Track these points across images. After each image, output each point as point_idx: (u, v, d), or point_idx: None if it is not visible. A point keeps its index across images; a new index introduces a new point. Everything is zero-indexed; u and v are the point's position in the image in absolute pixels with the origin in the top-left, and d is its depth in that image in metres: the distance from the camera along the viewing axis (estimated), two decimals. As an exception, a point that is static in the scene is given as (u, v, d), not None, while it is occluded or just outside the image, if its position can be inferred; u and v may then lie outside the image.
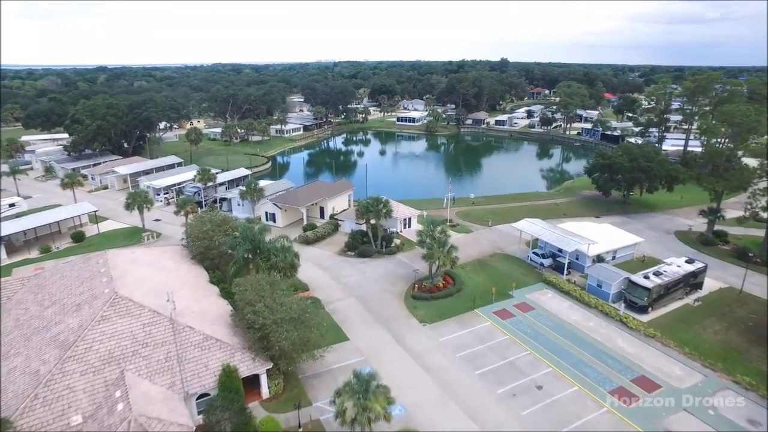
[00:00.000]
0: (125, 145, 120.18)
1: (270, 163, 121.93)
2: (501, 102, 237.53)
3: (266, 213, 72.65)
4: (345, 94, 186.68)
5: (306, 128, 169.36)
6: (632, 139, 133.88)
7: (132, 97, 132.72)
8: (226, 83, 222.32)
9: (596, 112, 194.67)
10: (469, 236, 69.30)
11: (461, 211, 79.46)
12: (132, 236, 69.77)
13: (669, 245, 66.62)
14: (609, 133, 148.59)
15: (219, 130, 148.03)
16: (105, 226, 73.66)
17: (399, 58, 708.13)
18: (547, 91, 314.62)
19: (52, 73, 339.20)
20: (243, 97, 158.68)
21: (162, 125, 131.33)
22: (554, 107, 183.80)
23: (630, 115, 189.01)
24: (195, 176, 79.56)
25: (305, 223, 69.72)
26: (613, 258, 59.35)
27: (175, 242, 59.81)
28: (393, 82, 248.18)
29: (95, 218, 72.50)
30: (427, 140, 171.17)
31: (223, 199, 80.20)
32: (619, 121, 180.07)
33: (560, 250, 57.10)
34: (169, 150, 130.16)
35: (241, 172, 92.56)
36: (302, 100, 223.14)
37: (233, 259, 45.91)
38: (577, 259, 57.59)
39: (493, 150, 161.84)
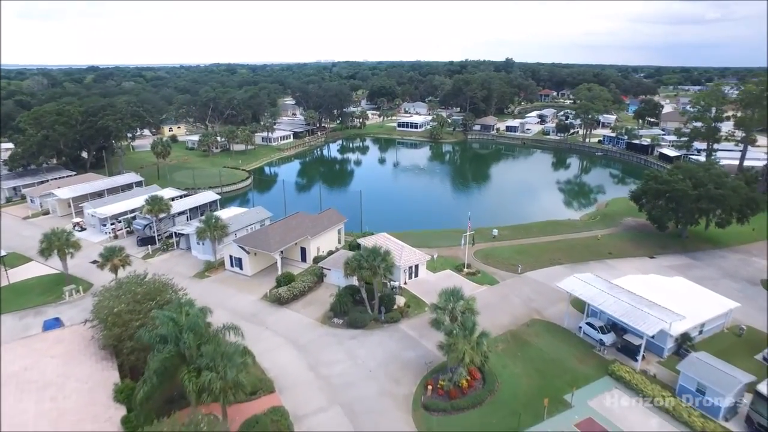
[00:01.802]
0: (85, 157, 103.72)
1: (251, 179, 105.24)
2: (509, 105, 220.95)
3: (231, 257, 56.05)
4: (340, 97, 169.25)
5: (297, 135, 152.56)
6: (665, 150, 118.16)
7: (104, 100, 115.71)
8: (214, 84, 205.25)
9: (613, 117, 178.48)
10: (494, 290, 52.76)
11: (481, 251, 62.81)
12: (53, 288, 53.14)
13: (762, 303, 50.22)
14: (636, 142, 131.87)
15: (198, 137, 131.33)
16: (24, 272, 56.98)
17: (399, 59, 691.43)
18: (554, 93, 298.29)
19: (47, 73, 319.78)
20: (225, 101, 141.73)
21: (129, 134, 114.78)
22: (572, 112, 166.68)
23: (652, 120, 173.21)
24: (143, 206, 62.50)
25: (280, 272, 53.12)
26: (700, 332, 42.99)
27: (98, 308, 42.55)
28: (393, 83, 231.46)
29: (4, 262, 55.66)
30: (431, 148, 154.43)
31: (180, 235, 63.56)
32: (639, 126, 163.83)
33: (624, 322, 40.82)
34: (138, 161, 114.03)
35: (209, 196, 75.42)
36: (293, 103, 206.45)
37: (147, 368, 29.32)
38: (652, 337, 41.15)
39: (506, 160, 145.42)
